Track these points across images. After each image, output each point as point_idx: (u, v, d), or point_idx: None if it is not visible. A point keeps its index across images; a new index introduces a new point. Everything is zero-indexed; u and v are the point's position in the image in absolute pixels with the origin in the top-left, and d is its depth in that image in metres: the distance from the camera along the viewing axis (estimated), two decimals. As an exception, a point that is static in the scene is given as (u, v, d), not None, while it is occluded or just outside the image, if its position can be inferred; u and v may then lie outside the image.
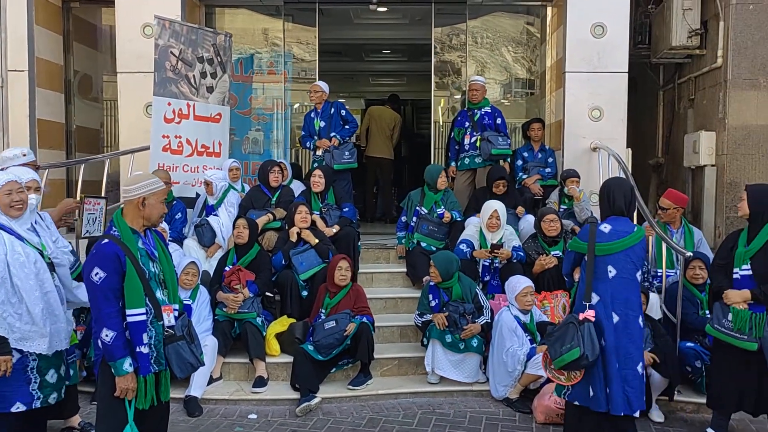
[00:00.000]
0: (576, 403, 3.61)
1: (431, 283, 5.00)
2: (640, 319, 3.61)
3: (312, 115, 6.60)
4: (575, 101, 6.61)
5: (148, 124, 6.23)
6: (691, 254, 4.77)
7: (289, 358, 4.82)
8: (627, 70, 6.62)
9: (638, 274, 3.61)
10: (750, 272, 3.76)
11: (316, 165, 6.41)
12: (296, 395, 4.61)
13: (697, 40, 7.22)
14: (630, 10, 6.74)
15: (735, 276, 3.83)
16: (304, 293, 5.23)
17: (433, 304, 4.96)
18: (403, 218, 6.11)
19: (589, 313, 3.47)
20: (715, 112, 7.02)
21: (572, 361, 3.44)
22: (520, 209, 6.14)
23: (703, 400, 4.50)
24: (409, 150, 10.99)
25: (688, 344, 4.58)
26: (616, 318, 3.52)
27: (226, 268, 5.15)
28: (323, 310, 4.91)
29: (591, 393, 3.53)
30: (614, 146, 6.28)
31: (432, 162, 7.94)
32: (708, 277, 4.73)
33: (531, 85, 8.28)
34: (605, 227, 3.57)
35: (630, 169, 6.19)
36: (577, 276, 3.94)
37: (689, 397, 4.60)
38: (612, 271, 3.51)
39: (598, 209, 6.16)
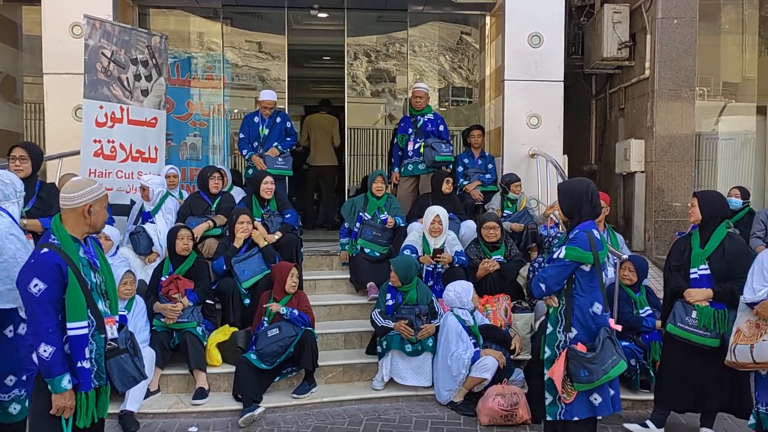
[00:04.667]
0: (576, 419, 3.41)
1: (389, 283, 5.02)
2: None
3: (256, 120, 6.47)
4: (514, 109, 6.77)
5: (76, 127, 5.95)
6: (627, 257, 4.95)
7: (231, 368, 4.68)
8: (563, 79, 6.84)
9: None
10: (708, 272, 3.90)
11: (251, 171, 6.34)
12: (239, 406, 4.48)
13: (627, 52, 7.57)
14: (564, 21, 6.98)
15: (693, 276, 3.94)
16: (247, 301, 5.10)
17: (389, 303, 4.99)
18: (346, 224, 6.08)
19: (613, 323, 3.40)
20: (643, 121, 7.36)
21: (619, 374, 3.34)
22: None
23: (638, 397, 4.69)
24: (349, 157, 10.96)
25: (624, 343, 4.71)
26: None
27: (163, 278, 4.97)
28: (266, 318, 4.81)
29: (597, 401, 3.38)
30: (552, 153, 6.47)
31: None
32: (639, 278, 4.93)
33: (470, 93, 8.43)
34: (597, 234, 3.42)
35: (566, 175, 6.39)
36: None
37: (624, 394, 4.66)
38: (604, 277, 3.55)
39: (536, 213, 6.34)
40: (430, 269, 5.46)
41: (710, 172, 7.77)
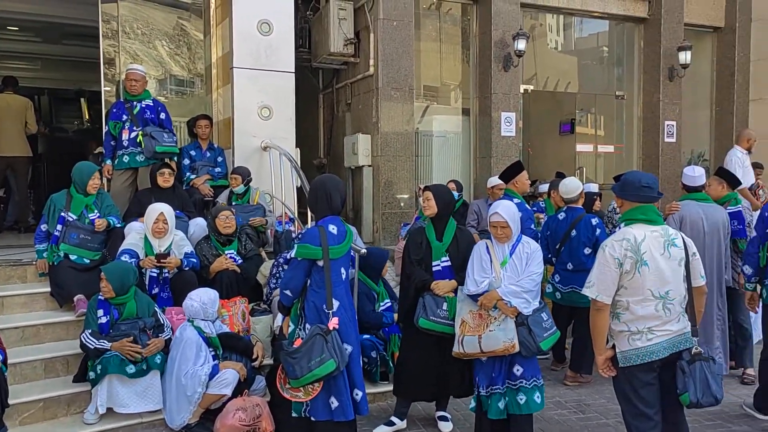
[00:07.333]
0: (313, 419, 3.45)
1: (100, 297, 4.22)
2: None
3: None
4: (244, 99, 6.38)
5: None
6: (366, 251, 4.94)
7: None
8: (294, 70, 6.65)
9: None
10: (449, 263, 4.01)
11: None
12: None
13: (352, 49, 7.72)
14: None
15: (436, 268, 4.01)
16: None
17: (103, 320, 4.19)
18: (44, 227, 5.01)
19: (334, 321, 3.36)
20: (369, 117, 7.59)
21: (327, 374, 3.29)
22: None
23: (378, 390, 4.72)
24: (48, 146, 9.39)
25: (365, 336, 4.70)
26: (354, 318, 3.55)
27: None
28: (-74, 355, 3.63)
29: (335, 404, 3.41)
30: (284, 145, 6.26)
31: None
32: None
33: (192, 84, 7.77)
34: (333, 228, 3.44)
35: (300, 169, 6.22)
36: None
37: (366, 388, 4.72)
38: (344, 273, 3.48)
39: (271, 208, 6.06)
40: (155, 275, 4.78)
41: (427, 166, 8.37)
